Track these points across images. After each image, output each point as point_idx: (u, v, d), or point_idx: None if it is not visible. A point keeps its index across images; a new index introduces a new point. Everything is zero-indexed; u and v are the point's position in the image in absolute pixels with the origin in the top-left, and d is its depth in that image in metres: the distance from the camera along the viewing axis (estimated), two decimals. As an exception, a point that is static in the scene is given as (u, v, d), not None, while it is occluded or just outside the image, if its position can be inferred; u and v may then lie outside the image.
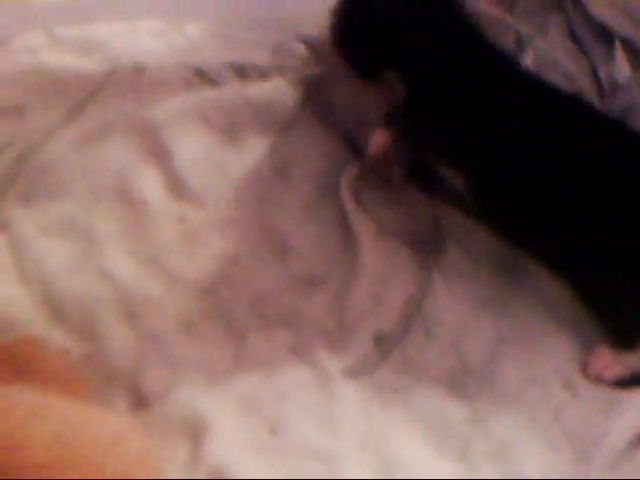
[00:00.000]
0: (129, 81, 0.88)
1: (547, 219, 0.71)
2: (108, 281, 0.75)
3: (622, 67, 0.85)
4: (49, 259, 0.76)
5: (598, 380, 0.71)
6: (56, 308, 0.73)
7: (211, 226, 0.80)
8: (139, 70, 0.89)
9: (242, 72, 0.91)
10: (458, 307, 0.75)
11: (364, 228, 0.79)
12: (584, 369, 0.72)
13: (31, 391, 0.55)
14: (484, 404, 0.70)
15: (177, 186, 0.82)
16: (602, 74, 0.86)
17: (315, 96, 0.89)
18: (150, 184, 0.82)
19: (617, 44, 0.85)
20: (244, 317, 0.74)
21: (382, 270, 0.77)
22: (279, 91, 0.89)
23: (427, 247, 0.79)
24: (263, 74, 0.91)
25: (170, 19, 0.96)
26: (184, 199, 0.82)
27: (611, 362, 0.71)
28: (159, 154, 0.84)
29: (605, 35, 0.86)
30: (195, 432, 0.67)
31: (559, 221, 0.71)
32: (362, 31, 0.79)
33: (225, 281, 0.76)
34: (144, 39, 0.93)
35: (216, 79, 0.90)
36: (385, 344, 0.73)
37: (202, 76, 0.90)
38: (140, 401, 0.69)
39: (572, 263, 0.72)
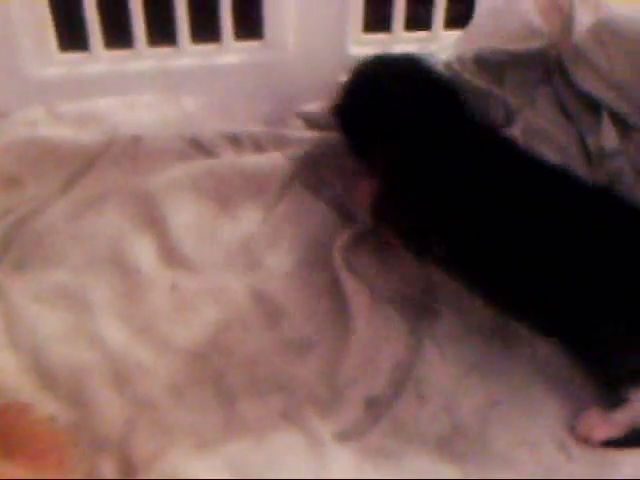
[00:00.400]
0: (126, 152, 0.90)
1: (534, 284, 0.71)
2: (99, 348, 0.76)
3: (609, 136, 0.86)
4: (41, 326, 0.77)
5: (587, 441, 0.70)
6: (45, 375, 0.73)
7: (203, 293, 0.81)
8: (136, 141, 0.91)
9: (237, 142, 0.94)
10: (449, 371, 0.75)
11: (356, 294, 0.79)
12: (573, 430, 0.70)
13: (17, 464, 0.55)
14: (475, 466, 0.69)
15: (170, 254, 0.84)
16: (590, 143, 0.88)
17: (307, 167, 0.91)
18: (143, 252, 0.83)
19: (604, 114, 0.87)
20: (235, 382, 0.74)
21: (373, 335, 0.77)
22: (272, 163, 0.90)
23: (419, 312, 0.79)
24: (258, 145, 0.93)
25: (167, 93, 1.00)
26: (177, 267, 0.83)
27: (600, 422, 0.69)
28: (153, 222, 0.86)
29: (592, 106, 0.89)
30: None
31: (546, 285, 0.71)
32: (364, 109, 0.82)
33: (216, 347, 0.77)
34: (141, 112, 0.96)
35: (211, 149, 0.92)
36: (376, 408, 0.72)
37: (197, 146, 0.92)
38: (129, 468, 0.68)
39: (559, 324, 0.71)
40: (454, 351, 0.76)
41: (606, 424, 0.69)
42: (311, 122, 0.98)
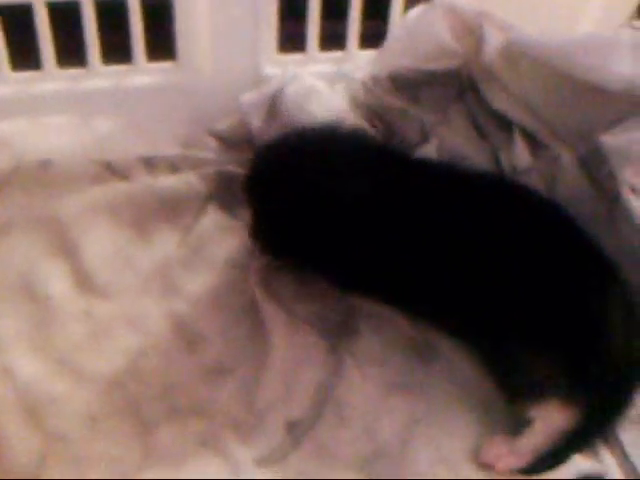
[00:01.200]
0: (35, 177, 0.88)
1: (455, 289, 0.74)
2: (10, 381, 0.73)
3: (521, 154, 0.88)
4: (-53, 359, 0.73)
5: (490, 469, 0.70)
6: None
7: (118, 319, 0.79)
8: (45, 166, 0.89)
9: (152, 165, 0.92)
10: (370, 391, 0.75)
11: (274, 316, 0.79)
12: (476, 455, 0.71)
13: None
14: (395, 485, 0.68)
15: (83, 280, 0.82)
16: (503, 160, 0.89)
17: (222, 188, 0.90)
18: (55, 279, 0.81)
19: (515, 132, 0.89)
20: (153, 410, 0.72)
21: (292, 357, 0.76)
22: (187, 185, 0.89)
23: (338, 332, 0.79)
24: (173, 167, 0.92)
25: (78, 115, 0.97)
26: (90, 293, 0.81)
27: (504, 452, 0.70)
28: (65, 248, 0.84)
29: (504, 124, 0.90)
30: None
31: (467, 290, 0.73)
32: None
33: (133, 374, 0.75)
34: (51, 135, 0.94)
35: (125, 173, 0.91)
36: (297, 431, 0.72)
37: (111, 170, 0.90)
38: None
39: (473, 329, 0.74)
40: (375, 371, 0.76)
41: (510, 454, 0.69)
42: (224, 140, 0.97)
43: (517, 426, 0.71)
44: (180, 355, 0.76)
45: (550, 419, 0.69)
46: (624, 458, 0.71)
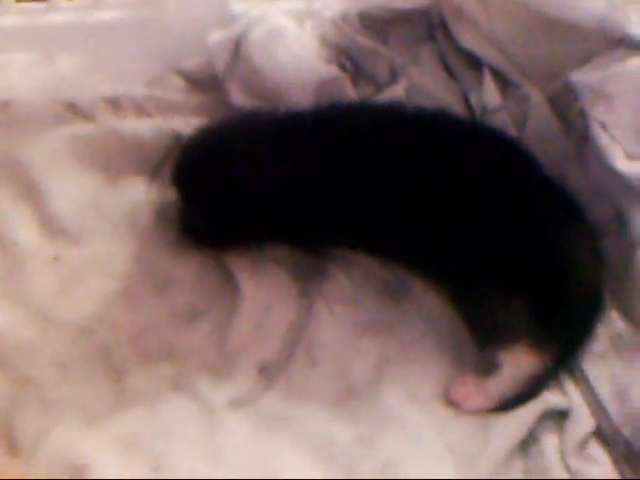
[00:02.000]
0: (-5, 118, 0.86)
1: (425, 229, 0.75)
2: (-22, 328, 0.72)
3: (491, 93, 0.88)
4: None
5: (459, 408, 0.71)
6: None
7: (88, 264, 0.78)
8: (6, 105, 0.86)
9: (117, 106, 0.90)
10: (341, 331, 0.75)
11: (243, 258, 0.78)
12: (446, 393, 0.72)
13: None
14: (369, 424, 0.70)
15: (51, 225, 0.80)
16: (473, 100, 0.89)
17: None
18: (21, 225, 0.80)
19: (485, 72, 0.88)
20: (123, 354, 0.72)
21: (262, 299, 0.76)
22: (151, 129, 0.88)
23: (309, 274, 0.79)
24: (139, 107, 0.90)
25: (41, 52, 0.94)
26: (58, 238, 0.80)
27: (473, 391, 0.71)
28: (30, 193, 0.82)
29: (474, 63, 0.90)
30: (75, 475, 0.64)
31: (437, 229, 0.74)
32: None
33: (103, 319, 0.74)
34: (11, 74, 0.91)
35: (89, 114, 0.89)
36: (269, 373, 0.72)
37: (74, 111, 0.88)
38: (15, 447, 0.66)
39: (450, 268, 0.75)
40: (346, 312, 0.77)
41: (479, 394, 0.71)
42: (190, 79, 0.95)
43: (487, 366, 0.72)
44: (150, 299, 0.76)
45: (518, 364, 0.71)
46: (590, 392, 0.72)
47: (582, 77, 0.79)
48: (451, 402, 0.72)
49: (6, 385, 0.69)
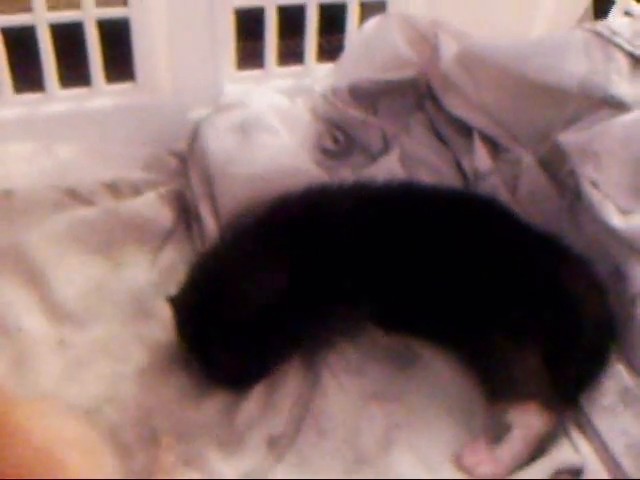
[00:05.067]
0: (-2, 208, 0.87)
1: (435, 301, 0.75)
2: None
3: (481, 158, 0.89)
4: None
5: (469, 474, 0.70)
6: None
7: (93, 348, 0.78)
8: (8, 195, 0.88)
9: (115, 189, 0.92)
10: (348, 401, 0.75)
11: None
12: (457, 460, 0.71)
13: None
14: (381, 492, 0.69)
15: (55, 311, 0.81)
16: (465, 165, 0.91)
17: (187, 209, 0.90)
18: (26, 311, 0.80)
19: (476, 137, 0.90)
20: (132, 434, 0.72)
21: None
22: (151, 207, 0.89)
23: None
24: (136, 189, 0.92)
25: (40, 141, 0.96)
26: (63, 323, 0.80)
27: (485, 459, 0.70)
28: (34, 279, 0.83)
29: (464, 129, 0.92)
30: None
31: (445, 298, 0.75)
32: None
33: (110, 401, 0.74)
34: (11, 163, 0.93)
35: (89, 198, 0.90)
36: (278, 446, 0.72)
37: (74, 196, 0.90)
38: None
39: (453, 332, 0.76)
40: (352, 381, 0.76)
41: (491, 461, 0.70)
42: (184, 159, 0.97)
43: (496, 431, 0.72)
44: (157, 379, 0.76)
45: (528, 424, 0.71)
46: (602, 447, 0.71)
47: (569, 138, 0.81)
48: (463, 469, 0.71)
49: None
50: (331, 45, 1.04)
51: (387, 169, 0.91)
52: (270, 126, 0.92)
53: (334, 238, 0.77)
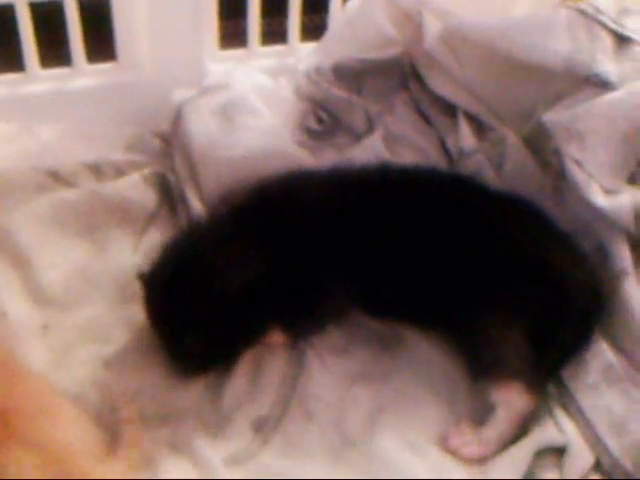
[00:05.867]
0: (-22, 192, 0.86)
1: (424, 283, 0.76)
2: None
3: (466, 137, 0.89)
4: None
5: (455, 455, 0.71)
6: None
7: (77, 331, 0.78)
8: (-12, 177, 0.87)
9: (98, 171, 0.91)
10: (335, 383, 0.75)
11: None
12: (443, 442, 0.72)
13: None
14: (367, 474, 0.69)
15: (39, 294, 0.80)
16: (449, 144, 0.91)
17: (171, 191, 0.90)
18: (9, 295, 0.80)
19: (460, 116, 0.90)
20: (118, 419, 0.71)
21: (255, 354, 0.76)
22: (134, 188, 0.89)
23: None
24: (119, 171, 0.91)
25: (19, 122, 0.95)
26: (47, 307, 0.80)
27: (471, 439, 0.71)
28: (17, 263, 0.82)
29: (448, 108, 0.91)
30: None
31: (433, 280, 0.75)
32: None
33: (95, 385, 0.74)
34: (-5, 145, 0.92)
35: (71, 180, 0.89)
36: (265, 428, 0.72)
37: (56, 178, 0.89)
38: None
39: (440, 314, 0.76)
40: (338, 363, 0.77)
41: (477, 442, 0.71)
42: (167, 140, 0.96)
43: (481, 411, 0.73)
44: (142, 363, 0.76)
45: (512, 404, 0.71)
46: (586, 426, 0.72)
47: (554, 117, 0.81)
48: (449, 451, 0.71)
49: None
50: (314, 24, 1.03)
51: (371, 149, 0.90)
52: (253, 108, 0.91)
53: (311, 222, 0.77)
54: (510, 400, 0.71)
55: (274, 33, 1.03)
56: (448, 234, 0.76)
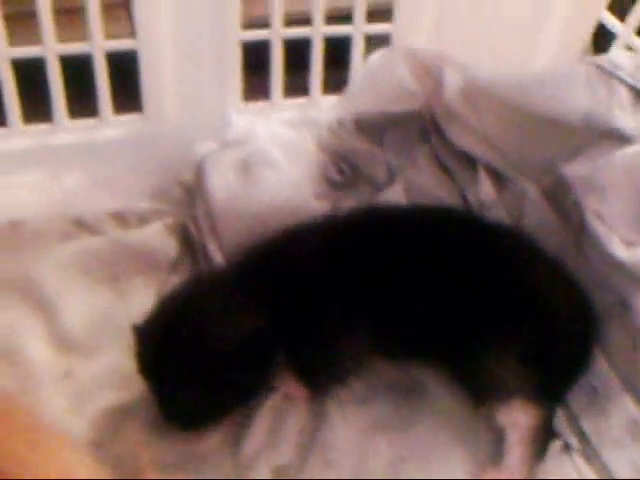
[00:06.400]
0: (5, 238, 0.87)
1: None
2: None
3: (486, 188, 0.90)
4: None
5: None
6: None
7: (99, 379, 0.78)
8: (16, 225, 0.88)
9: (122, 219, 0.92)
10: (354, 433, 0.75)
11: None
12: None
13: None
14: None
15: (62, 341, 0.81)
16: (470, 197, 0.91)
17: (193, 241, 0.91)
18: (33, 341, 0.80)
19: (480, 169, 0.91)
20: (138, 466, 0.71)
21: (275, 404, 0.76)
22: (158, 237, 0.90)
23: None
24: (143, 220, 0.92)
25: (47, 171, 0.97)
26: (70, 354, 0.80)
27: (496, 475, 0.71)
28: (41, 309, 0.83)
29: (469, 161, 0.92)
30: None
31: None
32: None
33: (117, 434, 0.74)
34: (19, 193, 0.94)
35: (95, 228, 0.91)
36: (285, 478, 0.72)
37: (81, 226, 0.91)
38: None
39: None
40: (358, 413, 0.76)
41: (503, 475, 0.71)
42: (190, 190, 0.97)
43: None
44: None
45: (518, 421, 0.72)
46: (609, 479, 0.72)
47: (573, 170, 0.82)
48: None
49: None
50: (337, 79, 1.05)
51: (392, 200, 0.91)
52: (273, 161, 0.92)
53: (315, 272, 0.77)
54: (514, 418, 0.72)
55: (297, 88, 1.05)
56: (439, 267, 0.77)
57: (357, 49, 1.02)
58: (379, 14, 1.02)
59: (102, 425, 0.74)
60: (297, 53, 1.01)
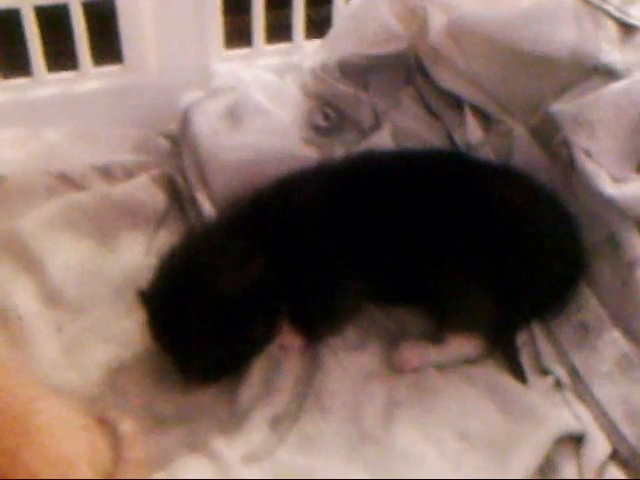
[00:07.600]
0: (-12, 194, 0.86)
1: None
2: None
3: (473, 129, 0.89)
4: None
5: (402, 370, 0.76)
6: None
7: (91, 333, 0.78)
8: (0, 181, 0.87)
9: (107, 173, 0.91)
10: (349, 379, 0.75)
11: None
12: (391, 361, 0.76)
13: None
14: (384, 467, 0.69)
15: (52, 297, 0.81)
16: (456, 137, 0.91)
17: (180, 192, 0.90)
18: (23, 298, 0.80)
19: (466, 109, 0.90)
20: (135, 420, 0.71)
21: (270, 353, 0.76)
22: (144, 190, 0.89)
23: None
24: (128, 173, 0.91)
25: (27, 127, 0.96)
26: (60, 309, 0.80)
27: (415, 355, 0.76)
28: (30, 266, 0.83)
29: (454, 102, 0.91)
30: None
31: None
32: None
33: (111, 388, 0.74)
34: (3, 149, 0.92)
35: (81, 182, 0.90)
36: (281, 426, 0.72)
37: (66, 181, 0.89)
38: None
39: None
40: (352, 360, 0.77)
41: (420, 356, 0.76)
42: (176, 140, 0.96)
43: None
44: (157, 364, 0.75)
45: (463, 345, 0.76)
46: (602, 415, 0.72)
47: (561, 107, 0.81)
48: (395, 367, 0.76)
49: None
50: (319, 17, 1.03)
51: (379, 145, 0.91)
52: (259, 108, 0.91)
53: (310, 221, 0.77)
54: (463, 342, 0.76)
55: (278, 27, 1.03)
56: (433, 206, 0.78)
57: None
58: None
59: (96, 379, 0.74)
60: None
